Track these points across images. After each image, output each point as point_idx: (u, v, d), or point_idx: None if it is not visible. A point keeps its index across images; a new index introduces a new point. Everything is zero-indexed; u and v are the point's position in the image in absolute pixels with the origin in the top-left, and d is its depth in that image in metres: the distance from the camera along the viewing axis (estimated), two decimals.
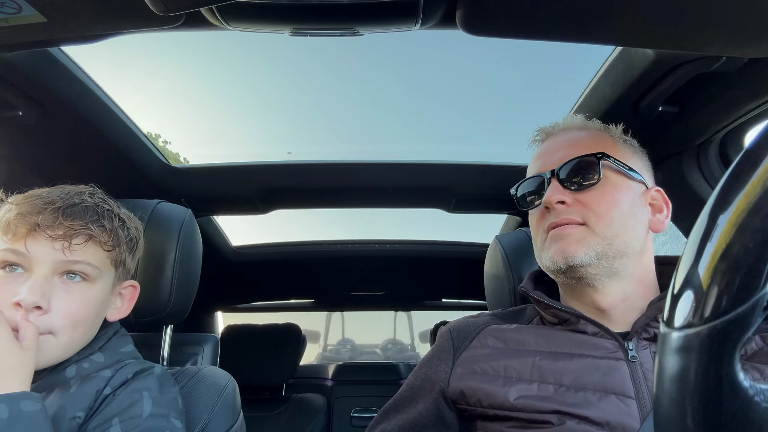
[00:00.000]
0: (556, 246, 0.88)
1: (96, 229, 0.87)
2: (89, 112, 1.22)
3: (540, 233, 0.94)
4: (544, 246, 0.92)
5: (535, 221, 0.96)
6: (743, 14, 0.75)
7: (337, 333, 5.92)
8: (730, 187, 0.34)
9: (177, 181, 1.67)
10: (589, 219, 0.87)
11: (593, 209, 0.88)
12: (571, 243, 0.86)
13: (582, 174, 0.90)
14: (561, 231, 0.88)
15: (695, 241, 0.35)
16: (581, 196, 0.89)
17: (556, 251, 0.88)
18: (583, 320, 0.88)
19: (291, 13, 0.83)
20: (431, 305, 3.10)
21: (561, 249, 0.87)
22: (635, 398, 0.78)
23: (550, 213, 0.90)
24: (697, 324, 0.34)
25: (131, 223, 0.97)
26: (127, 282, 0.98)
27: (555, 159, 0.94)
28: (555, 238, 0.89)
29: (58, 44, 1.02)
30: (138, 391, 0.84)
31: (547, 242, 0.91)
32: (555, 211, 0.89)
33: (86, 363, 0.88)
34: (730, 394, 0.33)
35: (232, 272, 2.44)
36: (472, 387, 0.88)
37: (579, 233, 0.87)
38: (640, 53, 1.05)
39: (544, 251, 0.92)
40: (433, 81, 3.51)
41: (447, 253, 2.37)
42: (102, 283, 0.90)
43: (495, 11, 0.80)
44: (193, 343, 2.13)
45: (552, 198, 0.89)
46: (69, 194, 0.90)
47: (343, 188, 1.80)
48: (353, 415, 2.55)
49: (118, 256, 0.92)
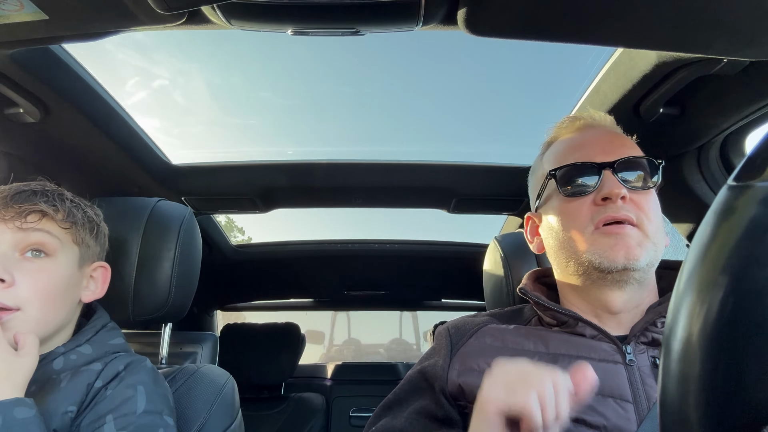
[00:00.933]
0: (616, 243, 0.84)
1: (47, 207, 0.89)
2: (90, 110, 1.22)
3: (586, 224, 0.88)
4: (593, 239, 0.86)
5: (581, 210, 0.89)
6: (744, 17, 0.75)
7: (342, 333, 5.92)
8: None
9: (177, 180, 1.67)
10: (642, 222, 0.85)
11: (646, 213, 0.86)
12: (634, 245, 0.83)
13: (640, 175, 0.89)
14: (621, 229, 0.84)
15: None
16: (634, 197, 0.87)
17: (617, 250, 0.83)
18: (582, 323, 0.88)
19: (292, 13, 0.83)
20: (430, 305, 3.10)
21: (625, 249, 0.83)
22: (632, 402, 0.78)
23: (606, 207, 0.86)
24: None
25: (87, 207, 0.99)
26: (96, 263, 0.99)
27: (609, 151, 0.90)
28: (614, 235, 0.84)
29: (60, 42, 1.02)
30: (132, 387, 0.85)
31: (599, 236, 0.86)
32: (615, 204, 0.85)
33: (73, 355, 0.89)
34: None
35: (232, 271, 2.44)
36: (470, 384, 0.88)
37: (638, 236, 0.84)
38: (641, 55, 1.05)
39: (591, 245, 0.86)
40: (434, 81, 3.51)
41: (446, 254, 2.38)
42: (65, 258, 0.91)
43: (497, 12, 0.80)
44: (192, 341, 2.14)
45: (618, 191, 0.84)
46: (17, 185, 0.92)
47: (343, 188, 1.80)
48: (352, 415, 2.55)
49: (78, 235, 0.94)
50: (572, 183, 0.91)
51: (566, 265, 0.93)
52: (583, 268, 0.88)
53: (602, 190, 0.86)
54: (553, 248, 0.96)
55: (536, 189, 1.03)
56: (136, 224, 1.13)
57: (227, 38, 2.62)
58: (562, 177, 0.92)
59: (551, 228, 0.95)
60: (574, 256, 0.89)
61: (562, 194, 0.92)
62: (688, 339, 0.33)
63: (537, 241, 1.03)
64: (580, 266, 0.89)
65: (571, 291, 0.95)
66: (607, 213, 0.85)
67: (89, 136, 1.30)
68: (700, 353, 0.32)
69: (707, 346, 0.32)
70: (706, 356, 0.32)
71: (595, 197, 0.88)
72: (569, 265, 0.92)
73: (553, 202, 0.96)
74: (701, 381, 0.32)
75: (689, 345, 0.33)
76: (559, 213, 0.93)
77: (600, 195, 0.87)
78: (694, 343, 0.32)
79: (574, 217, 0.90)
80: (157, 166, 1.58)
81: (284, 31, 0.88)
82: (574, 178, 0.91)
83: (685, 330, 0.33)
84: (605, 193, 0.86)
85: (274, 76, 3.55)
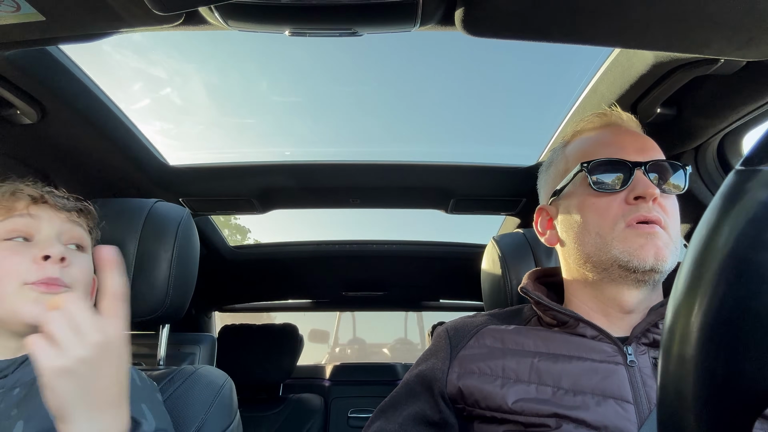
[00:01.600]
0: (647, 243, 0.83)
1: (84, 208, 0.95)
2: (88, 111, 1.22)
3: (617, 222, 0.86)
4: (623, 237, 0.85)
5: (611, 207, 0.88)
6: (741, 17, 0.75)
7: (347, 333, 5.93)
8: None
9: (175, 181, 1.67)
10: (668, 225, 0.85)
11: (671, 216, 0.86)
12: (663, 247, 0.83)
13: (670, 178, 0.89)
14: (652, 229, 0.84)
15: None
16: (661, 200, 0.86)
17: (647, 249, 0.83)
18: (583, 323, 0.88)
19: (290, 14, 0.83)
20: (429, 306, 3.10)
21: (655, 249, 0.83)
22: (633, 403, 0.77)
23: (639, 206, 0.85)
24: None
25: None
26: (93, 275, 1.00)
27: (640, 151, 0.90)
28: (645, 234, 0.84)
29: (57, 43, 1.02)
30: (137, 405, 0.82)
31: (629, 234, 0.85)
32: (647, 205, 0.85)
33: None
34: None
35: (230, 272, 2.44)
36: (470, 387, 0.88)
37: (665, 238, 0.84)
38: (638, 55, 1.05)
39: (620, 242, 0.85)
40: (432, 82, 3.51)
41: (444, 254, 2.38)
42: (89, 260, 0.94)
43: (494, 12, 0.80)
44: (190, 342, 2.13)
45: (652, 191, 0.84)
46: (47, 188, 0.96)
47: (341, 189, 1.80)
48: (350, 416, 2.55)
49: (94, 241, 0.98)
50: (603, 178, 0.89)
51: (584, 261, 0.91)
52: (606, 265, 0.87)
53: (636, 189, 0.85)
54: (572, 242, 0.93)
55: (555, 182, 1.00)
56: (134, 225, 1.12)
57: (225, 39, 2.62)
58: (593, 171, 0.90)
59: (573, 222, 0.93)
60: (598, 252, 0.88)
61: (592, 188, 0.90)
62: (688, 327, 0.33)
63: (550, 234, 1.01)
64: (602, 262, 0.88)
65: (581, 288, 0.94)
66: (640, 212, 0.84)
67: (86, 138, 1.30)
68: (701, 337, 0.32)
69: (709, 332, 0.32)
70: (707, 341, 0.32)
71: (628, 195, 0.86)
72: (588, 261, 0.90)
73: (578, 195, 0.93)
74: (700, 364, 0.32)
75: (689, 333, 0.33)
76: (586, 207, 0.91)
77: (634, 193, 0.85)
78: (695, 330, 0.32)
79: (602, 213, 0.88)
80: (154, 168, 1.57)
81: (281, 32, 0.87)
82: (606, 174, 0.90)
83: (687, 318, 0.33)
84: (640, 192, 0.85)
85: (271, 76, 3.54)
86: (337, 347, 5.85)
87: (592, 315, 0.91)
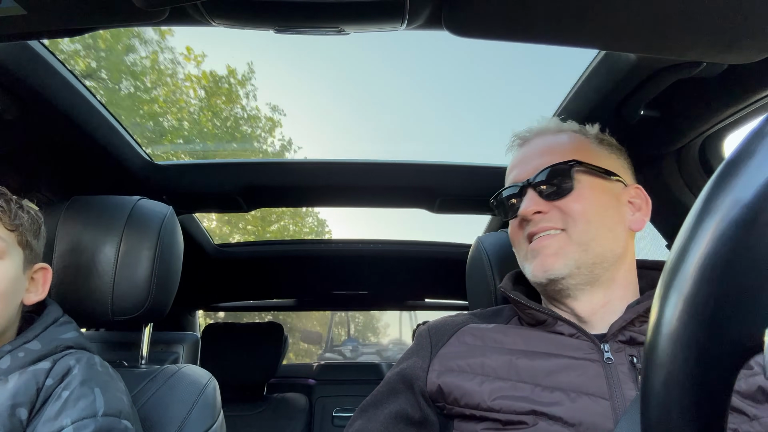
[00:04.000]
0: (534, 260, 0.90)
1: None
2: (70, 107, 1.20)
3: (522, 243, 0.95)
4: (527, 258, 0.94)
5: (515, 231, 0.98)
6: (724, 21, 0.76)
7: (341, 334, 5.92)
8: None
9: (159, 178, 1.66)
10: (568, 224, 0.89)
11: (570, 215, 0.89)
12: (549, 256, 0.88)
13: (556, 182, 0.91)
14: (539, 243, 0.90)
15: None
16: (559, 203, 0.90)
17: (535, 266, 0.90)
18: (561, 321, 0.89)
19: (276, 11, 0.83)
20: (414, 305, 3.11)
21: (540, 264, 0.89)
22: (609, 399, 0.78)
23: (529, 224, 0.92)
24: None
25: (30, 209, 0.98)
26: (37, 265, 0.97)
27: (530, 168, 0.95)
28: (534, 252, 0.91)
29: (39, 38, 1.00)
30: (89, 387, 0.82)
31: (529, 254, 0.93)
32: (533, 221, 0.91)
33: (21, 352, 0.86)
34: None
35: (214, 271, 2.43)
36: (450, 384, 0.88)
37: (556, 244, 0.89)
38: (623, 58, 1.06)
39: (527, 263, 0.94)
40: (417, 82, 3.53)
41: (430, 254, 2.38)
42: (11, 261, 0.89)
43: (479, 13, 0.80)
44: (173, 341, 2.12)
45: (528, 210, 0.91)
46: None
47: (326, 187, 1.80)
48: (335, 415, 2.54)
49: (23, 237, 0.92)
50: (506, 206, 0.99)
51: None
52: (534, 285, 0.95)
53: (520, 211, 0.93)
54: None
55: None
56: (116, 223, 1.11)
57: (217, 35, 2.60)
58: (498, 204, 1.02)
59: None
60: (524, 273, 0.96)
61: (504, 218, 1.00)
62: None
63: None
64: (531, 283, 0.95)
65: (545, 301, 0.99)
66: (528, 230, 0.92)
67: (68, 134, 1.28)
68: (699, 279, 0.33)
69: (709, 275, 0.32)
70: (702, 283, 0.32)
71: (519, 219, 0.94)
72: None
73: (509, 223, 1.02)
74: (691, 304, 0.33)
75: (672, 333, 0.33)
76: (509, 234, 1.01)
77: (519, 217, 0.94)
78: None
79: (514, 238, 0.99)
80: (137, 164, 1.56)
81: (267, 30, 0.87)
82: (507, 201, 0.99)
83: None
84: (521, 214, 0.93)
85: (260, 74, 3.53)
86: (329, 351, 5.84)
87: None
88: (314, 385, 2.72)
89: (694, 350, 0.33)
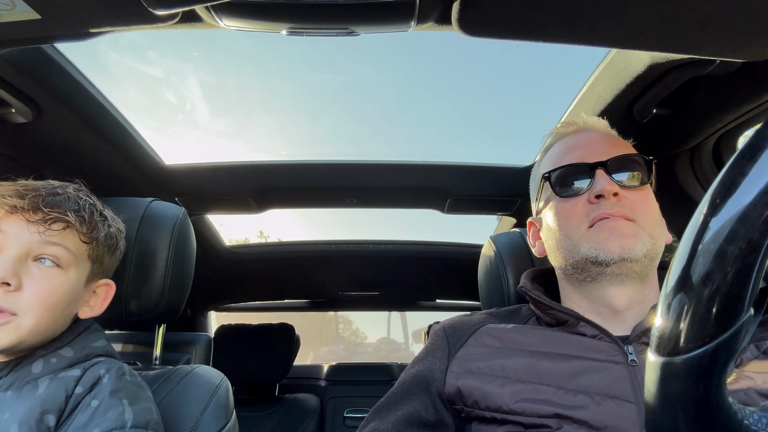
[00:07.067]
0: (610, 236, 0.85)
1: (75, 218, 0.87)
2: (83, 110, 1.21)
3: (581, 222, 0.89)
4: (588, 235, 0.88)
5: (576, 209, 0.91)
6: (737, 18, 0.76)
7: (330, 334, 5.93)
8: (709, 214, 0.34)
9: (171, 180, 1.67)
10: (638, 216, 0.87)
11: (641, 208, 0.88)
12: (627, 236, 0.85)
13: (633, 172, 0.91)
14: (614, 222, 0.86)
15: (678, 268, 0.36)
16: (628, 193, 0.89)
17: (611, 241, 0.85)
18: (583, 322, 0.87)
19: (286, 13, 0.83)
20: (425, 306, 3.10)
21: (618, 241, 0.84)
22: (634, 402, 0.76)
23: (600, 204, 0.88)
24: (682, 352, 0.34)
25: (114, 222, 0.97)
26: (102, 281, 0.96)
27: (601, 151, 0.93)
28: (607, 229, 0.86)
29: (52, 41, 1.01)
30: (117, 398, 0.82)
31: (593, 232, 0.87)
32: (608, 202, 0.88)
33: (54, 358, 0.86)
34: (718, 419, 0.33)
35: (226, 272, 2.44)
36: (470, 387, 0.87)
37: (632, 228, 0.86)
38: (635, 56, 1.06)
39: (586, 241, 0.88)
40: (428, 82, 3.53)
41: (441, 254, 2.38)
42: (75, 273, 0.88)
43: (491, 12, 0.80)
44: (186, 342, 2.13)
45: (610, 188, 0.87)
46: (53, 186, 0.91)
47: (337, 188, 1.80)
48: (346, 416, 2.55)
49: (96, 251, 0.91)
50: (566, 183, 0.94)
51: (565, 265, 0.93)
52: (582, 265, 0.89)
53: (595, 188, 0.89)
54: (552, 249, 0.97)
55: (535, 194, 1.05)
56: (130, 224, 1.12)
57: (222, 38, 2.62)
58: (556, 179, 0.95)
59: (549, 229, 0.97)
60: (571, 254, 0.91)
61: (557, 195, 0.94)
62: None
63: (539, 244, 1.04)
64: (578, 263, 0.90)
65: (573, 291, 0.95)
66: (601, 210, 0.87)
67: (82, 136, 1.29)
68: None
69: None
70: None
71: (589, 195, 0.89)
72: (568, 265, 0.92)
73: (549, 204, 0.97)
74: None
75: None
76: (555, 213, 0.95)
77: (593, 193, 0.89)
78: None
79: (568, 216, 0.92)
80: (150, 167, 1.57)
81: (278, 32, 0.87)
82: (568, 179, 0.94)
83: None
84: (598, 191, 0.88)
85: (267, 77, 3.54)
86: (321, 349, 5.84)
87: (587, 315, 0.91)
88: (326, 386, 2.72)
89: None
